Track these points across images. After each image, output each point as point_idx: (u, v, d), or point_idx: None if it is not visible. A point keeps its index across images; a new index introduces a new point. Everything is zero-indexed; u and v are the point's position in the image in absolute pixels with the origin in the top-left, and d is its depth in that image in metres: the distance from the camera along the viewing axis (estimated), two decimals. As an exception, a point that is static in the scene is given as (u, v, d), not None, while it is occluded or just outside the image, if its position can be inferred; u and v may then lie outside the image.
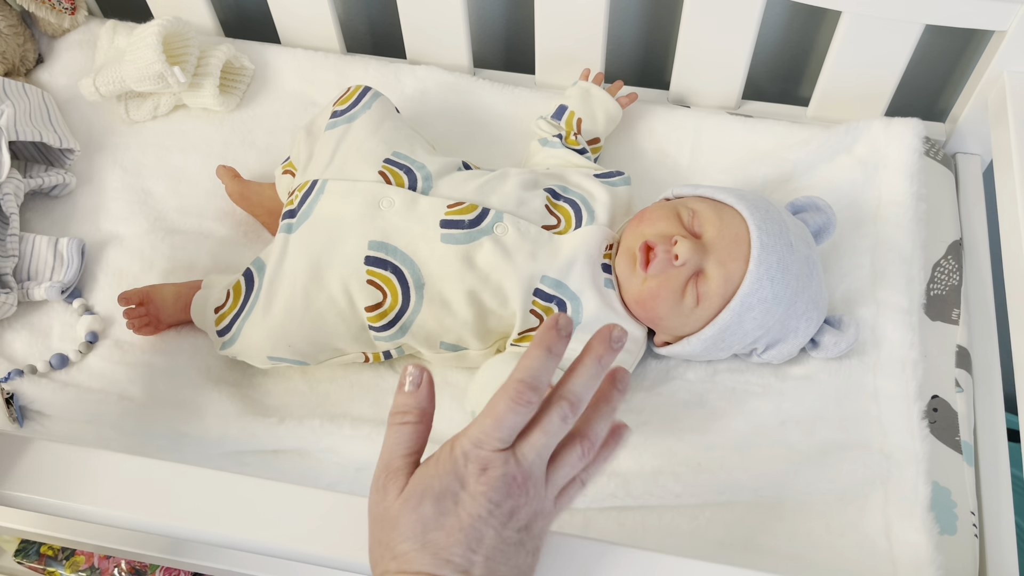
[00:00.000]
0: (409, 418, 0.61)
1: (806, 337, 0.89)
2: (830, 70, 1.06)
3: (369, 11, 1.26)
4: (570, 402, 0.60)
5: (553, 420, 0.59)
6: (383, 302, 0.86)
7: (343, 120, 0.94)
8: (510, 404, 0.58)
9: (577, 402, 0.60)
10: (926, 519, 0.81)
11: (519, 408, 0.58)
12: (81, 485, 0.71)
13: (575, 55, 1.11)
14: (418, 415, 0.61)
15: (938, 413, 0.91)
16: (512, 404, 0.58)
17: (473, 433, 0.59)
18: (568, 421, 0.60)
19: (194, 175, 1.09)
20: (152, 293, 0.95)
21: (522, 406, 0.58)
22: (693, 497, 0.84)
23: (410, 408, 0.61)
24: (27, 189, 1.03)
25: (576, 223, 0.90)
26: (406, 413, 0.61)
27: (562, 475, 0.61)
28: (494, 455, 0.59)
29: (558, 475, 0.61)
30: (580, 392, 0.60)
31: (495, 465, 0.58)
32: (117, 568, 1.11)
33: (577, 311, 0.86)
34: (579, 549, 0.67)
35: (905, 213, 0.98)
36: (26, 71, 1.17)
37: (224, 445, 0.89)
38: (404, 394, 0.61)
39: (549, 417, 0.60)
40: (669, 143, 1.09)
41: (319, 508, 0.69)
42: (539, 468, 0.60)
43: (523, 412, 0.58)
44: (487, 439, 0.59)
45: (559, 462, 0.61)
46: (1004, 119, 0.97)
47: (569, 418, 0.60)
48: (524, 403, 0.58)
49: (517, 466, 0.59)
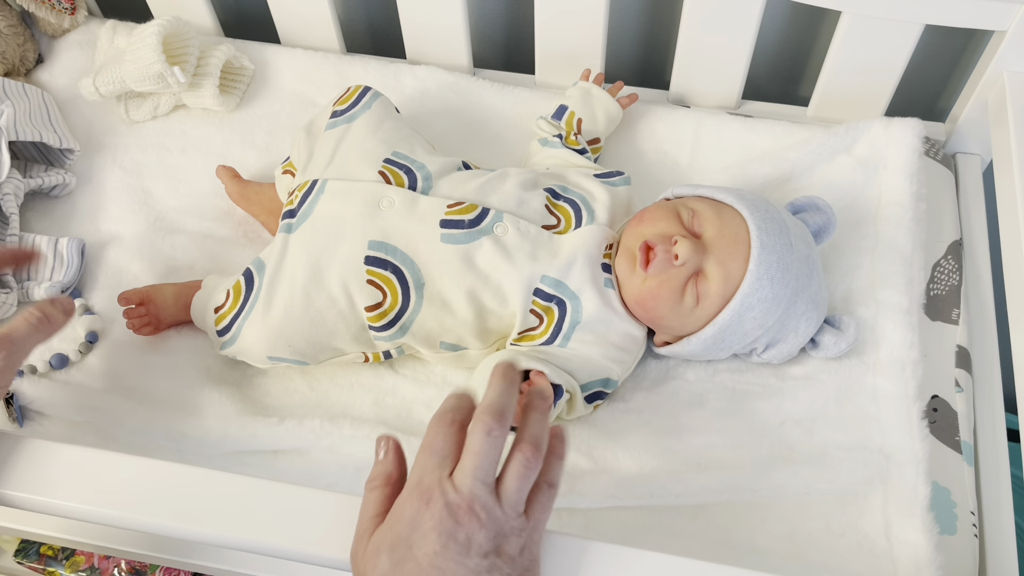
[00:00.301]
0: (376, 483, 0.65)
1: (806, 337, 0.89)
2: (830, 70, 1.06)
3: (369, 11, 1.26)
4: (491, 414, 0.62)
5: (476, 438, 0.62)
6: (383, 302, 0.86)
7: (343, 120, 0.94)
8: (437, 430, 0.63)
9: (498, 414, 0.62)
10: (926, 519, 0.81)
11: (444, 429, 0.63)
12: (81, 485, 0.71)
13: (575, 55, 1.11)
14: (384, 480, 0.65)
15: (938, 413, 0.91)
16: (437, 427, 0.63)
17: (413, 472, 0.63)
18: (493, 435, 0.62)
19: (194, 175, 1.09)
20: (152, 293, 0.95)
21: (446, 426, 0.63)
22: (693, 497, 0.84)
23: (377, 475, 0.66)
24: (27, 189, 1.03)
25: (576, 223, 0.90)
26: (374, 479, 0.66)
27: (513, 487, 0.62)
28: (434, 485, 0.61)
29: (508, 488, 0.62)
30: (499, 404, 0.63)
31: (435, 497, 0.61)
32: (117, 568, 1.11)
33: (577, 311, 0.86)
34: (579, 549, 0.67)
35: (905, 213, 0.98)
36: (26, 71, 1.17)
37: (224, 445, 0.89)
38: (375, 463, 0.67)
39: (472, 436, 0.62)
40: (669, 143, 1.09)
41: (319, 508, 0.69)
42: (482, 490, 0.61)
43: (449, 433, 0.62)
44: (426, 473, 0.62)
45: (505, 475, 0.63)
46: (1004, 119, 0.97)
47: (494, 431, 0.62)
48: (448, 424, 0.63)
49: (456, 493, 0.61)
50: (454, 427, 0.63)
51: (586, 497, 0.84)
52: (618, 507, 0.85)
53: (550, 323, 0.87)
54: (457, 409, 0.65)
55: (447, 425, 0.63)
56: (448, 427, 0.63)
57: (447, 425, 0.63)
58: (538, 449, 0.63)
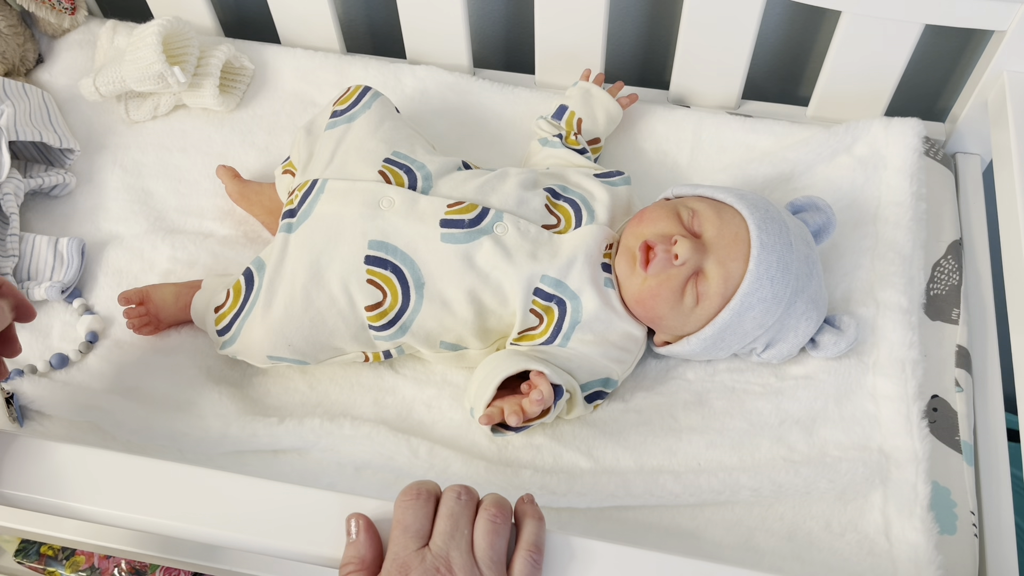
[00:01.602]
0: (350, 568, 0.65)
1: (806, 337, 0.89)
2: (830, 70, 1.06)
3: (369, 11, 1.26)
4: (460, 485, 0.67)
5: (448, 502, 0.65)
6: (383, 301, 0.86)
7: (343, 120, 0.94)
8: (405, 505, 0.65)
9: (465, 487, 0.67)
10: (926, 519, 0.81)
11: (412, 503, 0.65)
12: (81, 485, 0.71)
13: (575, 55, 1.11)
14: (358, 563, 0.65)
15: (938, 413, 0.91)
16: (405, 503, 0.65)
17: (389, 553, 0.64)
18: (463, 498, 0.66)
19: (194, 175, 1.09)
20: (152, 293, 0.95)
21: (412, 499, 0.65)
22: (693, 497, 0.84)
23: (350, 559, 0.65)
24: (27, 189, 1.04)
25: (576, 222, 0.90)
26: (347, 564, 0.65)
27: (484, 543, 0.64)
28: (411, 555, 0.63)
29: (480, 546, 0.64)
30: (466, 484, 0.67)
31: (413, 565, 0.62)
32: (117, 568, 1.11)
33: (577, 310, 0.86)
34: (579, 549, 0.67)
35: (905, 213, 0.98)
36: (26, 71, 1.17)
37: (224, 445, 0.89)
38: (348, 545, 0.66)
39: (444, 502, 0.66)
40: (669, 143, 1.09)
41: (319, 508, 0.69)
42: (458, 550, 0.63)
43: (418, 506, 0.65)
44: (401, 548, 0.63)
45: (475, 536, 0.65)
46: (1004, 119, 0.97)
47: (463, 496, 0.66)
48: (414, 497, 0.65)
49: (434, 556, 0.63)
50: (421, 499, 0.66)
51: (586, 497, 0.84)
52: (618, 507, 0.85)
53: (550, 323, 0.87)
54: (422, 483, 0.67)
55: (414, 498, 0.66)
56: (415, 500, 0.66)
57: (414, 498, 0.66)
58: (501, 508, 0.66)
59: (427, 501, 0.66)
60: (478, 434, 0.90)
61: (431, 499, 0.66)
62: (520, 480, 0.85)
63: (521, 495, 0.69)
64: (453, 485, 0.67)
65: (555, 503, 0.84)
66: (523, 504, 0.68)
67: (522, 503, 0.69)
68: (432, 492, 0.67)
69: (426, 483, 0.67)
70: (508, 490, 0.80)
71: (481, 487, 0.70)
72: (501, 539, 0.65)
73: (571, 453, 0.87)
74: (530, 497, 0.69)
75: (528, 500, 0.69)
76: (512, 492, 0.73)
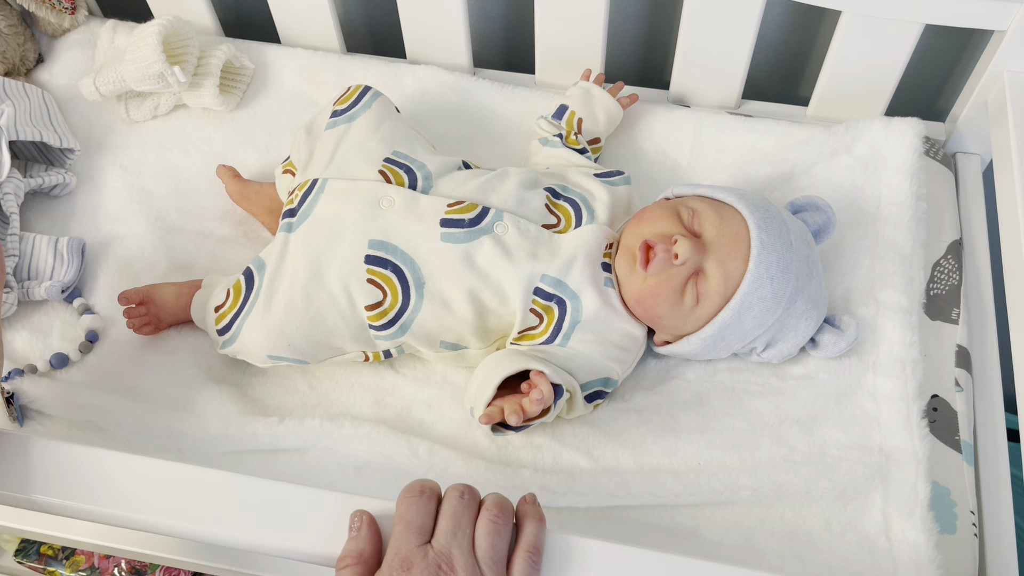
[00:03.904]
0: (347, 562, 0.65)
1: (806, 336, 0.89)
2: (830, 70, 1.06)
3: (369, 11, 1.26)
4: (462, 484, 0.67)
5: (451, 501, 0.66)
6: (383, 301, 0.86)
7: (343, 119, 0.94)
8: (408, 501, 0.65)
9: (467, 486, 0.67)
10: (926, 518, 0.81)
11: (415, 500, 0.65)
12: (81, 485, 0.71)
13: (575, 55, 1.11)
14: (355, 558, 0.65)
15: (938, 412, 0.91)
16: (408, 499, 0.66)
17: (390, 547, 0.64)
18: (465, 498, 0.66)
19: (194, 175, 1.09)
20: (152, 293, 0.95)
21: (416, 496, 0.66)
22: (693, 497, 0.84)
23: (349, 553, 0.66)
24: (27, 189, 1.04)
25: (576, 222, 0.90)
26: (345, 558, 0.65)
27: (484, 544, 0.64)
28: (413, 551, 0.63)
29: (480, 546, 0.65)
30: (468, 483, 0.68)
31: (415, 561, 0.63)
32: (117, 568, 1.11)
33: (577, 310, 0.86)
34: (579, 549, 0.67)
35: (905, 213, 0.98)
36: (26, 71, 1.17)
37: (224, 445, 0.89)
38: (348, 540, 0.66)
39: (446, 501, 0.66)
40: (669, 143, 1.09)
41: (319, 507, 0.69)
42: (460, 549, 0.64)
43: (420, 503, 0.65)
44: (403, 544, 0.63)
45: (476, 536, 0.65)
46: (1004, 119, 0.97)
47: (465, 495, 0.66)
48: (417, 494, 0.66)
49: (436, 553, 0.63)
50: (424, 496, 0.66)
51: (586, 497, 0.84)
52: (618, 506, 0.85)
53: (550, 322, 0.87)
54: (424, 481, 0.68)
55: (417, 495, 0.66)
56: (419, 497, 0.66)
57: (417, 495, 0.66)
58: (503, 508, 0.66)
59: (430, 499, 0.66)
60: (478, 434, 0.90)
61: (434, 497, 0.67)
62: (520, 479, 0.85)
63: (523, 495, 0.69)
64: (456, 484, 0.67)
65: (555, 503, 0.84)
66: (525, 504, 0.69)
67: (524, 503, 0.69)
68: (435, 491, 0.67)
69: (429, 481, 0.68)
70: (508, 490, 0.80)
71: (481, 487, 0.70)
72: (502, 540, 0.65)
73: (571, 453, 0.87)
74: (532, 497, 0.69)
75: (530, 500, 0.69)
76: (512, 491, 0.73)
